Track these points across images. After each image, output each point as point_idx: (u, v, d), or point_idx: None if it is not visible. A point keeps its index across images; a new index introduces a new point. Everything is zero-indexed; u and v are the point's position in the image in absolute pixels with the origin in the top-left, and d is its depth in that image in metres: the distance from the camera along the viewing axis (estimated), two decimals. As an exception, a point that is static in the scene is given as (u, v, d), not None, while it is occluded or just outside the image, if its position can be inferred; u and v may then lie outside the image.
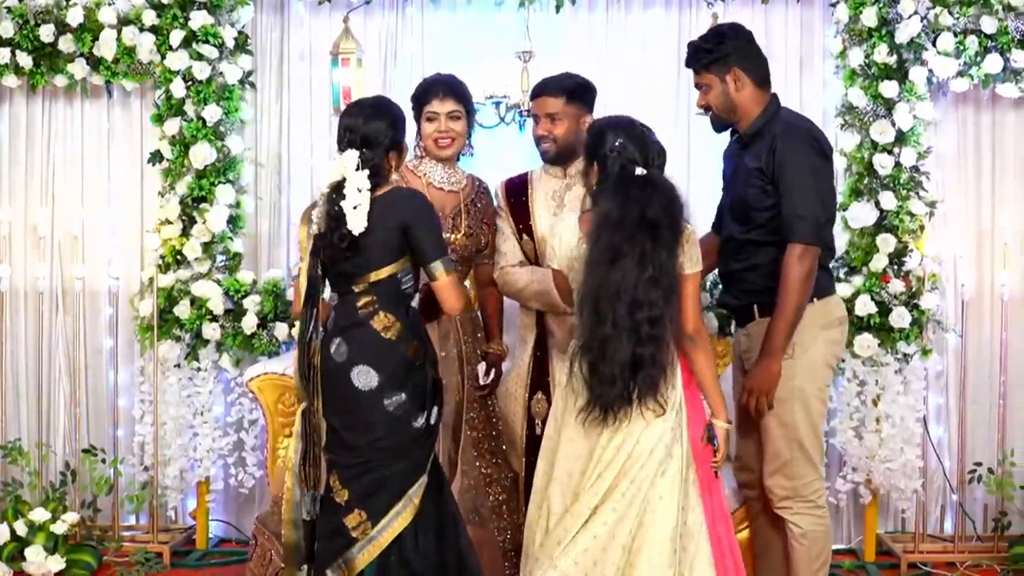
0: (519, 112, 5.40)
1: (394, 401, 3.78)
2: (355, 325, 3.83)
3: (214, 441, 5.55)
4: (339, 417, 3.84)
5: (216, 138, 5.50)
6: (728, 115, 4.22)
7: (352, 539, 3.77)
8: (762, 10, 5.66)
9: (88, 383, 5.79)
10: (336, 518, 3.81)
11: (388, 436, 3.78)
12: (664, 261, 3.61)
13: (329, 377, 3.85)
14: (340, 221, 3.75)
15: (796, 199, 4.01)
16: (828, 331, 4.17)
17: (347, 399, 3.81)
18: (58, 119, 5.81)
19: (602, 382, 3.62)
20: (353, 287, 3.85)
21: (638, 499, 3.62)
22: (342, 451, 3.84)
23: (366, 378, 3.78)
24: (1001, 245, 5.54)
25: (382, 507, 3.77)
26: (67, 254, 5.75)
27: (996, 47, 5.35)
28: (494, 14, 5.64)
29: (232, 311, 5.53)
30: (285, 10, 5.83)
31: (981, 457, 5.51)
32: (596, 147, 3.80)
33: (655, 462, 3.64)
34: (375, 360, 3.79)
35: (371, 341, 3.80)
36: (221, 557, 5.55)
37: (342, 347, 3.82)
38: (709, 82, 4.20)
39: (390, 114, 3.92)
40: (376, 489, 3.78)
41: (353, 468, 3.80)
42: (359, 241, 3.75)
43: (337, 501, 3.81)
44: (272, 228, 5.87)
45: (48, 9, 5.56)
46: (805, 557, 4.17)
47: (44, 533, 5.24)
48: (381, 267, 3.81)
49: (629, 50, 5.76)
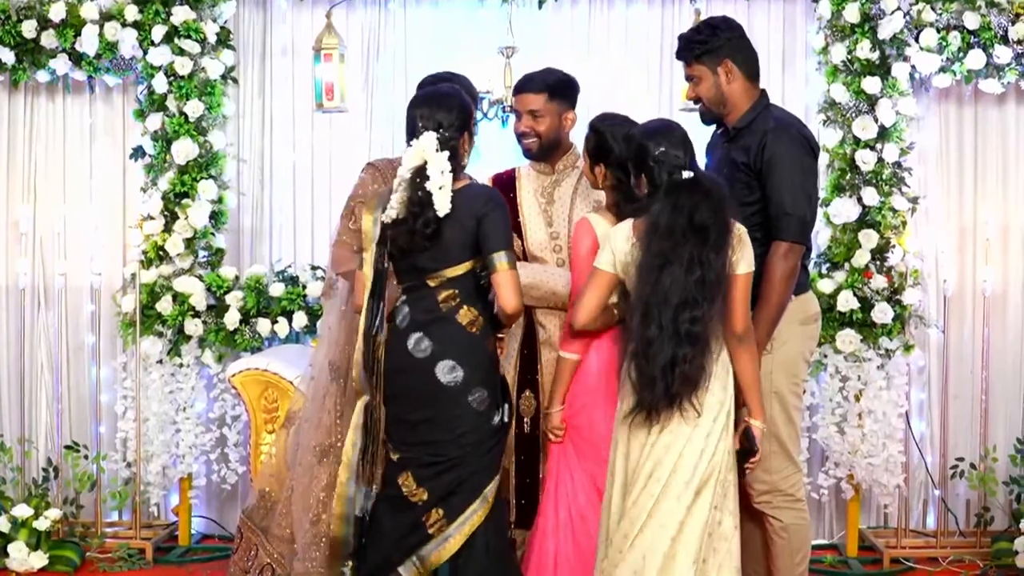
0: (502, 108, 5.40)
1: (477, 397, 3.78)
2: (439, 320, 3.80)
3: (196, 437, 5.55)
4: (419, 413, 3.81)
5: (198, 134, 5.50)
6: (718, 107, 4.18)
7: (427, 536, 3.77)
8: (744, 6, 5.66)
9: (70, 379, 5.79)
10: (411, 516, 3.79)
11: (472, 432, 3.78)
12: (712, 261, 3.60)
13: (408, 373, 3.82)
14: (424, 206, 3.71)
15: (785, 197, 4.00)
16: (805, 327, 4.17)
17: (430, 395, 3.78)
18: (40, 115, 5.79)
19: (645, 385, 3.62)
20: (427, 281, 3.82)
21: (684, 499, 3.63)
22: (418, 448, 3.81)
23: (452, 373, 3.77)
24: (983, 241, 5.56)
25: (460, 506, 3.77)
26: (49, 250, 5.74)
27: (979, 43, 5.36)
28: (477, 9, 5.64)
29: (214, 307, 5.53)
30: (267, 5, 5.83)
31: (963, 452, 5.52)
32: (639, 159, 3.77)
33: (696, 466, 3.65)
34: (461, 355, 3.78)
35: (457, 336, 3.79)
36: (204, 553, 5.53)
37: (424, 342, 3.79)
38: (700, 74, 4.17)
39: (460, 94, 3.92)
40: (455, 488, 3.77)
41: (433, 467, 3.78)
42: (443, 228, 3.72)
43: (412, 500, 3.79)
44: (254, 224, 5.86)
45: (30, 5, 5.55)
46: (787, 551, 4.17)
47: (27, 529, 5.24)
48: (458, 263, 3.79)
49: (612, 46, 5.77)
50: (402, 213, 3.76)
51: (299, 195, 5.86)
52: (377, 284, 3.83)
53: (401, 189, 3.77)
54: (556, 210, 4.41)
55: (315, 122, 5.83)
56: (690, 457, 3.63)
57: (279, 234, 5.87)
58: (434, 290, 3.81)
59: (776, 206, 4.00)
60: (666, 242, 3.59)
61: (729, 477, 3.71)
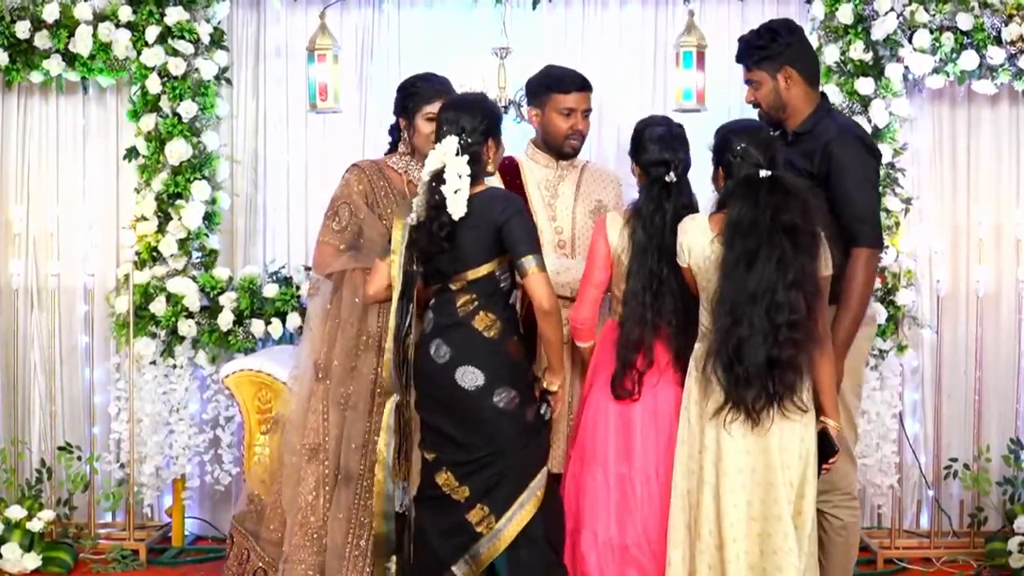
0: (496, 108, 5.38)
1: (503, 397, 3.81)
2: (456, 325, 3.85)
3: (190, 438, 5.54)
4: (446, 416, 3.86)
5: (192, 134, 5.49)
6: (777, 113, 4.21)
7: (476, 534, 3.80)
8: (738, 7, 5.68)
9: (63, 380, 5.77)
10: (456, 515, 3.83)
11: (501, 431, 3.82)
12: (806, 265, 3.64)
13: (432, 378, 3.87)
14: (440, 209, 3.77)
15: (859, 204, 4.02)
16: (866, 328, 4.22)
17: (453, 399, 3.83)
18: (33, 115, 5.78)
19: (738, 383, 3.65)
20: (450, 284, 3.87)
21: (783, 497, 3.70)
22: (451, 449, 3.85)
23: (471, 378, 3.81)
24: (976, 241, 5.56)
25: (505, 500, 3.80)
26: (42, 251, 5.73)
27: (972, 44, 5.37)
28: (471, 10, 5.63)
29: (208, 308, 5.52)
30: (261, 6, 5.82)
31: (957, 453, 5.52)
32: (722, 152, 3.81)
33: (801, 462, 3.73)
34: (479, 360, 3.82)
35: (474, 341, 3.84)
36: (197, 554, 5.53)
37: (443, 348, 3.85)
38: (760, 79, 4.20)
39: (487, 101, 4.00)
40: (497, 483, 3.80)
41: (467, 465, 3.82)
42: (456, 235, 3.77)
43: (455, 499, 3.83)
44: (248, 225, 5.85)
45: (24, 5, 5.54)
46: (844, 548, 4.21)
47: (20, 531, 5.23)
48: (478, 266, 3.83)
49: (606, 46, 5.77)
50: (422, 216, 3.82)
51: (293, 196, 5.85)
52: (407, 287, 3.89)
53: (421, 192, 3.85)
54: (560, 205, 4.44)
55: (309, 123, 5.82)
56: (793, 454, 3.70)
57: (273, 235, 5.87)
58: (455, 294, 3.86)
59: (850, 214, 4.02)
60: (753, 240, 3.63)
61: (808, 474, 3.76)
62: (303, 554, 4.14)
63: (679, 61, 5.34)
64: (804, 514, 3.73)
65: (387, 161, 4.45)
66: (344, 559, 4.11)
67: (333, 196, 4.40)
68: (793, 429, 3.71)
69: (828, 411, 3.81)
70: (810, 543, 3.79)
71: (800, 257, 3.62)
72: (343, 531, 4.13)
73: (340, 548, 4.12)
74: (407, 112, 4.38)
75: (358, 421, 4.18)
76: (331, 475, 4.19)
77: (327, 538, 4.14)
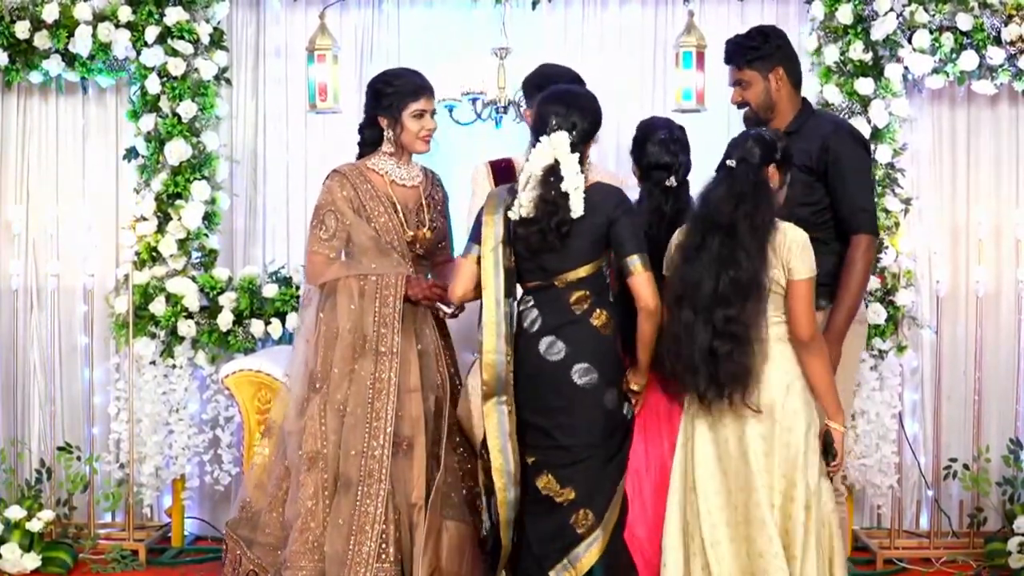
0: (495, 108, 5.37)
1: (609, 396, 3.82)
2: (572, 323, 3.82)
3: (190, 438, 5.54)
4: (550, 417, 3.83)
5: (191, 134, 5.49)
6: (765, 113, 4.29)
7: (578, 537, 3.78)
8: (738, 7, 5.68)
9: (63, 380, 5.78)
10: (559, 518, 3.81)
11: (607, 430, 3.82)
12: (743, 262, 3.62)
13: (541, 377, 3.83)
14: (558, 206, 3.72)
15: (858, 194, 4.14)
16: (859, 325, 4.31)
17: (566, 397, 3.80)
18: (33, 116, 5.78)
19: (685, 370, 3.69)
20: (554, 282, 3.84)
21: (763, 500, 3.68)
22: (553, 451, 3.83)
23: (587, 376, 3.79)
24: (976, 241, 5.56)
25: (605, 503, 3.80)
26: (42, 251, 5.73)
27: (971, 44, 5.37)
28: (470, 10, 5.63)
29: (207, 308, 5.52)
30: (261, 6, 5.83)
31: (956, 453, 5.52)
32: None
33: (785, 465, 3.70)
34: (596, 357, 3.81)
35: (592, 338, 3.82)
36: (196, 555, 5.53)
37: (557, 345, 3.82)
38: (750, 79, 4.28)
39: (596, 103, 3.95)
40: (601, 486, 3.80)
41: (571, 467, 3.80)
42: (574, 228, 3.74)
43: (558, 501, 3.80)
44: (248, 225, 5.85)
45: (23, 5, 5.53)
46: (841, 542, 4.22)
47: (19, 531, 5.22)
48: (586, 263, 3.81)
49: (605, 46, 5.78)
50: (532, 212, 3.76)
51: (292, 196, 5.85)
52: (508, 283, 3.86)
53: (530, 188, 3.77)
54: None
55: (308, 123, 5.82)
56: (770, 459, 3.67)
57: (272, 235, 5.87)
58: (563, 291, 3.83)
59: (850, 204, 4.15)
60: (696, 234, 3.69)
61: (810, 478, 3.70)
62: (303, 561, 4.13)
63: (679, 61, 5.35)
64: (794, 519, 3.66)
65: (367, 164, 4.41)
66: (345, 566, 4.08)
67: (317, 204, 4.38)
68: (755, 431, 3.68)
69: (829, 413, 3.80)
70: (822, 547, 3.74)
71: (738, 254, 3.62)
72: (343, 538, 4.11)
73: (340, 555, 4.09)
74: (390, 111, 4.33)
75: (356, 428, 4.16)
76: (331, 482, 4.18)
77: (327, 545, 4.12)
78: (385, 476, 4.12)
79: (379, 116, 4.37)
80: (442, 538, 4.19)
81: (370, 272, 4.25)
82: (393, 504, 4.15)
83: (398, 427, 4.18)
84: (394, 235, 4.32)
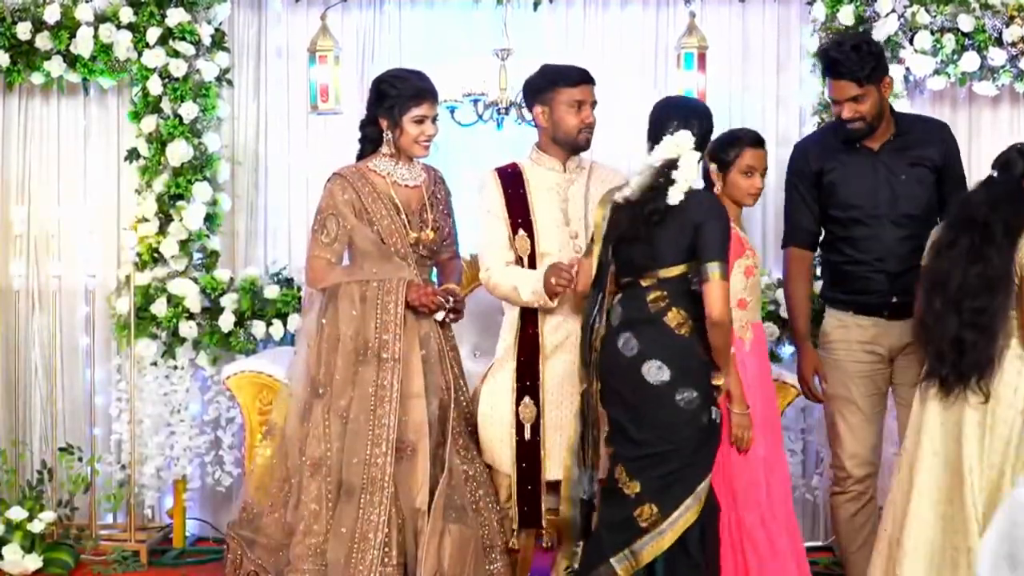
0: (497, 110, 5.37)
1: (685, 397, 3.83)
2: (647, 321, 3.88)
3: (191, 439, 5.54)
4: (625, 411, 3.89)
5: (193, 136, 5.49)
6: (877, 122, 4.38)
7: (641, 530, 3.83)
8: (739, 8, 5.68)
9: (64, 381, 5.76)
10: (625, 509, 3.85)
11: (678, 431, 3.84)
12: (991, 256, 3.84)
13: (617, 371, 3.91)
14: (659, 193, 3.83)
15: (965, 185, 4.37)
16: None
17: (636, 393, 3.86)
18: (34, 117, 5.78)
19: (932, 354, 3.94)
20: (640, 280, 3.91)
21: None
22: (627, 444, 3.89)
23: (658, 373, 3.83)
24: (977, 243, 5.54)
25: (673, 502, 3.82)
26: (43, 252, 5.73)
27: (973, 45, 5.36)
28: (472, 11, 5.62)
29: (209, 309, 5.52)
30: (262, 7, 5.82)
31: None
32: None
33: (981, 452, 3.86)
34: (668, 356, 3.84)
35: (664, 337, 3.86)
36: (198, 556, 5.53)
37: (632, 342, 3.88)
38: (868, 92, 4.32)
39: (711, 118, 4.05)
40: (670, 484, 3.82)
41: (639, 461, 3.85)
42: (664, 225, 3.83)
43: (626, 493, 3.86)
44: (249, 226, 5.84)
45: (25, 7, 5.53)
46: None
47: (21, 532, 5.22)
48: (672, 265, 3.87)
49: (606, 48, 5.77)
50: (635, 196, 3.88)
51: (294, 197, 5.85)
52: (600, 276, 3.97)
53: (642, 175, 3.90)
54: (571, 209, 4.38)
55: (310, 124, 5.82)
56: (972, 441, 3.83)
57: (274, 236, 5.86)
58: (645, 290, 3.90)
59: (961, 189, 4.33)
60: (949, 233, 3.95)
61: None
62: (306, 564, 4.11)
63: (680, 62, 5.35)
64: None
65: (367, 165, 4.40)
66: (347, 573, 4.07)
67: (318, 208, 4.37)
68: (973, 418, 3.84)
69: None
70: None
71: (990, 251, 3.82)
72: (345, 546, 4.09)
73: (342, 563, 4.08)
74: (391, 113, 4.32)
75: (359, 435, 4.15)
76: (334, 487, 4.17)
77: (329, 552, 4.11)
78: (388, 484, 4.11)
79: (380, 116, 4.37)
80: (444, 541, 4.16)
81: (371, 277, 4.25)
82: (396, 508, 4.15)
83: (402, 432, 4.17)
84: (397, 237, 4.31)
